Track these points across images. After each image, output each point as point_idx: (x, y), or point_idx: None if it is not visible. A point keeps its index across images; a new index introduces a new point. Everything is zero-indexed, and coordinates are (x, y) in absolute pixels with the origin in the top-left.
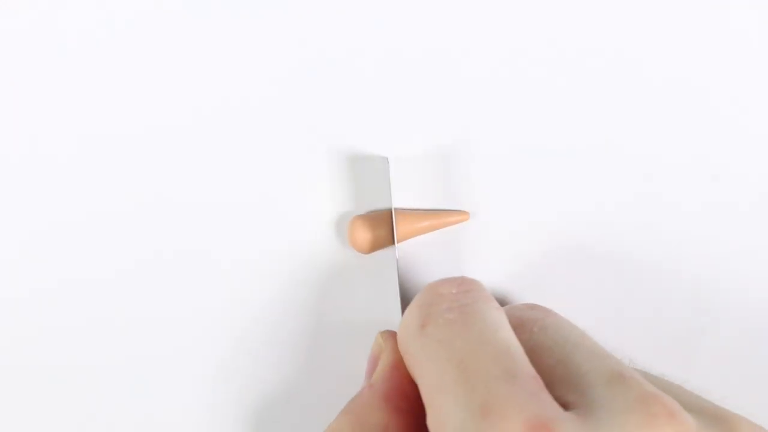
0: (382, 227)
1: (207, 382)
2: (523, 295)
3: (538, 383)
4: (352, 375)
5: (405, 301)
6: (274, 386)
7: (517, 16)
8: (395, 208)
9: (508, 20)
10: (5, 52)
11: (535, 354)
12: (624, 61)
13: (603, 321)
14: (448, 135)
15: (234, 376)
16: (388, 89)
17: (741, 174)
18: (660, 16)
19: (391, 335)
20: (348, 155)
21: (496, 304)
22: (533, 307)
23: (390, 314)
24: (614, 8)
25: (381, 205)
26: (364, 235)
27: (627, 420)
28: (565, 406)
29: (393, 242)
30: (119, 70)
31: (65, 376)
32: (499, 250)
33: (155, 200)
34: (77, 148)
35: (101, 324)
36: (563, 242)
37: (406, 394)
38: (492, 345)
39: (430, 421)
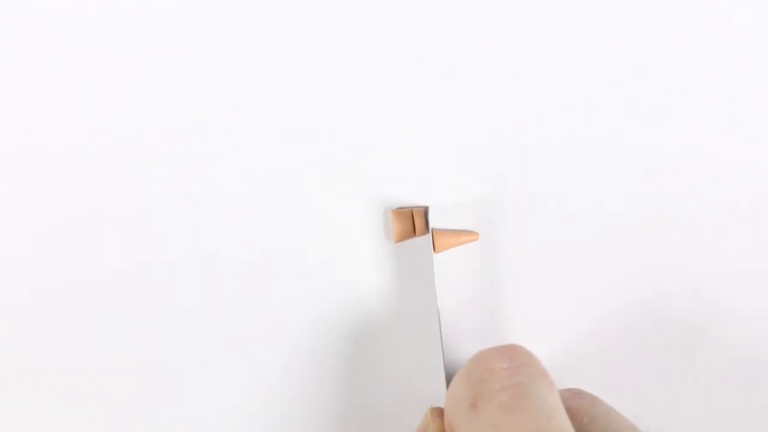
0: (409, 221)
1: (210, 383)
2: (522, 293)
3: None
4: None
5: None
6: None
7: (519, 18)
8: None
9: (510, 22)
10: (5, 51)
11: None
12: (624, 60)
13: (602, 321)
14: (448, 141)
15: (251, 378)
16: (395, 97)
17: (741, 174)
18: (660, 15)
19: (440, 414)
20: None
21: (550, 379)
22: (581, 395)
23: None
24: (615, 8)
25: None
26: (397, 227)
27: None
28: None
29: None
30: (126, 71)
31: (65, 376)
32: (494, 249)
33: (162, 200)
34: (79, 147)
35: (102, 324)
36: (562, 240)
37: None
38: None
39: None
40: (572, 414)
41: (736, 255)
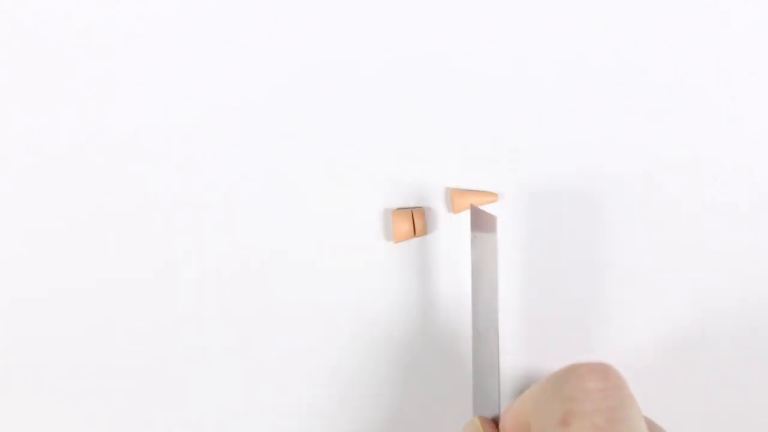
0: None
1: (209, 383)
2: (520, 293)
3: None
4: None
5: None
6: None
7: (519, 18)
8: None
9: (510, 22)
10: (5, 51)
11: None
12: (624, 60)
13: (603, 320)
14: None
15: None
16: (395, 97)
17: (741, 174)
18: (660, 15)
19: (490, 425)
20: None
21: (638, 405)
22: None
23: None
24: (615, 8)
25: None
26: (398, 227)
27: None
28: None
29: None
30: (126, 71)
31: (65, 377)
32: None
33: (162, 200)
34: (79, 147)
35: (102, 325)
36: (562, 240)
37: None
38: None
39: None
40: None
41: (736, 255)
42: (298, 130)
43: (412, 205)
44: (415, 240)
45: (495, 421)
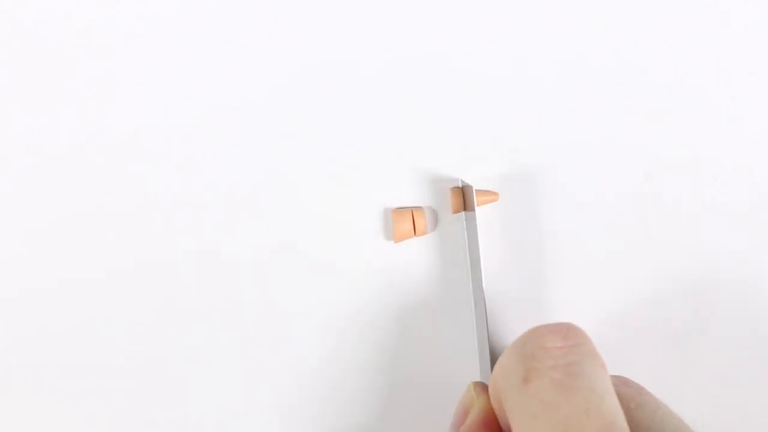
0: (408, 221)
1: (208, 383)
2: (519, 293)
3: None
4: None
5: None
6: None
7: (519, 18)
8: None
9: (510, 22)
10: (5, 51)
11: (632, 428)
12: (624, 60)
13: (603, 320)
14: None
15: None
16: (395, 97)
17: (741, 174)
18: (660, 15)
19: (484, 389)
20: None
21: (602, 361)
22: (627, 383)
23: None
24: (615, 8)
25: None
26: (398, 227)
27: None
28: None
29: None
30: (126, 71)
31: (65, 376)
32: (493, 248)
33: (162, 200)
34: (79, 147)
35: (102, 324)
36: (562, 241)
37: None
38: (598, 417)
39: None
40: (619, 399)
41: (736, 255)
42: (298, 130)
43: (412, 205)
44: (415, 240)
45: None
